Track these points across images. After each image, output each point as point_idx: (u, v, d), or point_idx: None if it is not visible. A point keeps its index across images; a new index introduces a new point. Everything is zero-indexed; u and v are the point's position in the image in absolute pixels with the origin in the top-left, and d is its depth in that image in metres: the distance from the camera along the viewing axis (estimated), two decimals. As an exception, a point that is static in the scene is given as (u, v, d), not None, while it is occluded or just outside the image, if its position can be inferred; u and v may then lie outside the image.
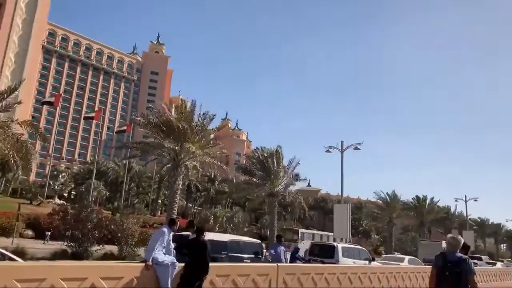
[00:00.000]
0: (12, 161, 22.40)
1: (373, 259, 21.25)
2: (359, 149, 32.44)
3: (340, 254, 18.41)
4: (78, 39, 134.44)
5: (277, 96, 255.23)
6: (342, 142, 32.71)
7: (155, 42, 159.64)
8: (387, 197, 57.69)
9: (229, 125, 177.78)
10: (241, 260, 13.80)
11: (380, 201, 59.33)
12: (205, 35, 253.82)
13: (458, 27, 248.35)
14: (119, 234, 25.52)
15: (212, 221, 54.35)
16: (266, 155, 39.50)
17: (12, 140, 20.88)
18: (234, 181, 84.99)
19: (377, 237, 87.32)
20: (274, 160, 38.77)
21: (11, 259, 8.75)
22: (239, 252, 14.63)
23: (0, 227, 32.61)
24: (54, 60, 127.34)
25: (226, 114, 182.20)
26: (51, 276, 6.41)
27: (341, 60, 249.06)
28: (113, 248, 25.82)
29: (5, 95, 20.04)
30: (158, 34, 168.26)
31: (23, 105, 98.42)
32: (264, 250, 16.37)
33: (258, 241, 17.20)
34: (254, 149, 44.37)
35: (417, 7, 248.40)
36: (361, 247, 22.55)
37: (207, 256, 8.23)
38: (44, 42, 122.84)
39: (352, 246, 21.47)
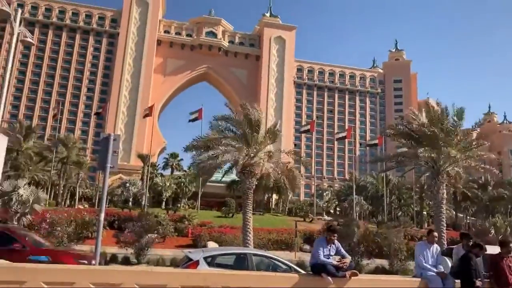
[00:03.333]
0: (284, 185, 26.30)
1: None
2: None
3: None
4: (322, 67, 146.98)
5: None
6: None
7: (394, 50, 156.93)
8: None
9: (495, 119, 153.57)
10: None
11: None
12: (441, 30, 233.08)
13: None
14: (385, 248, 25.57)
15: (493, 232, 47.16)
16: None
17: (282, 167, 24.59)
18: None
19: None
20: None
21: (296, 271, 10.01)
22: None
23: (284, 242, 38.13)
24: (304, 91, 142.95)
25: (489, 107, 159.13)
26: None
27: None
28: (383, 262, 25.98)
29: (271, 131, 24.01)
30: (396, 41, 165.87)
31: (287, 135, 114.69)
32: None
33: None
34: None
35: None
36: None
37: (471, 272, 7.56)
38: (294, 78, 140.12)
39: None
